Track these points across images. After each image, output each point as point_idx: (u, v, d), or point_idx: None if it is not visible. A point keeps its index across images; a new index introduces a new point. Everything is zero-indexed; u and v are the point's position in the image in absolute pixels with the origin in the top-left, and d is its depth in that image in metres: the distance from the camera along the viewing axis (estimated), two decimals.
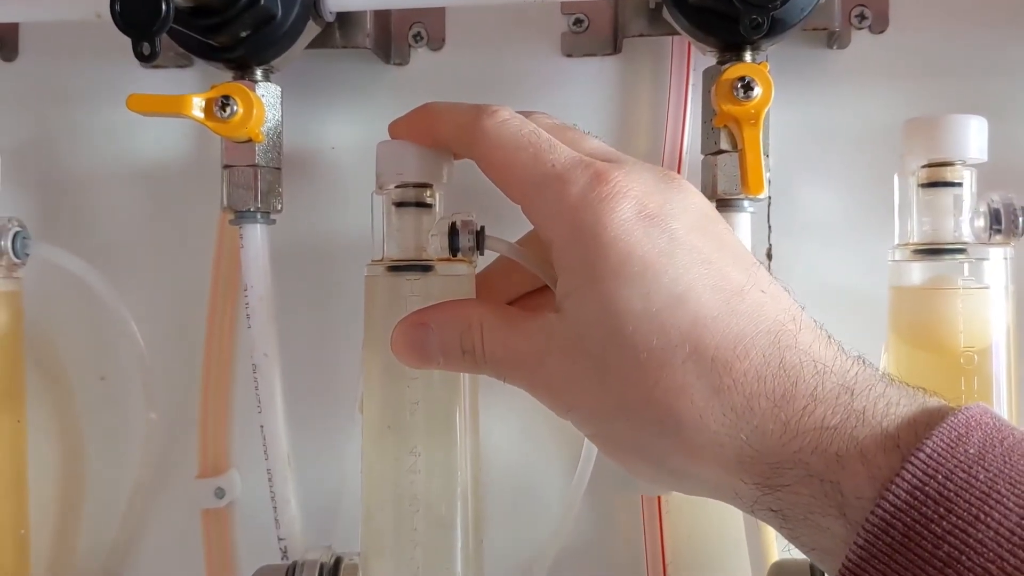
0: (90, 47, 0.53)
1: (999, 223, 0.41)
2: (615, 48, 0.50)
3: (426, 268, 0.43)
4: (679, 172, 0.48)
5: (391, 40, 0.51)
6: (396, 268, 0.43)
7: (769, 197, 0.48)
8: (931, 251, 0.41)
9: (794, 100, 0.47)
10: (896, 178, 0.43)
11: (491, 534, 0.49)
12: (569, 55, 0.50)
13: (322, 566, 0.43)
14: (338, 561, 0.44)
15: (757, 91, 0.41)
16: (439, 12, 0.50)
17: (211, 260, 0.51)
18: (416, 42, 0.51)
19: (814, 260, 0.48)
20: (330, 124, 0.51)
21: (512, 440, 0.50)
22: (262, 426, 0.46)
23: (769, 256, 0.49)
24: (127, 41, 0.50)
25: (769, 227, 0.49)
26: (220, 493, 0.49)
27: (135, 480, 0.50)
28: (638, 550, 0.49)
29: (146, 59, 0.36)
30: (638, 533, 0.49)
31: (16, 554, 0.47)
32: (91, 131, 0.52)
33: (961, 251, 0.41)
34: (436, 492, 0.42)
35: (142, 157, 0.52)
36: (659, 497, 0.48)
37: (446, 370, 0.38)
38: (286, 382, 0.46)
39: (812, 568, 0.41)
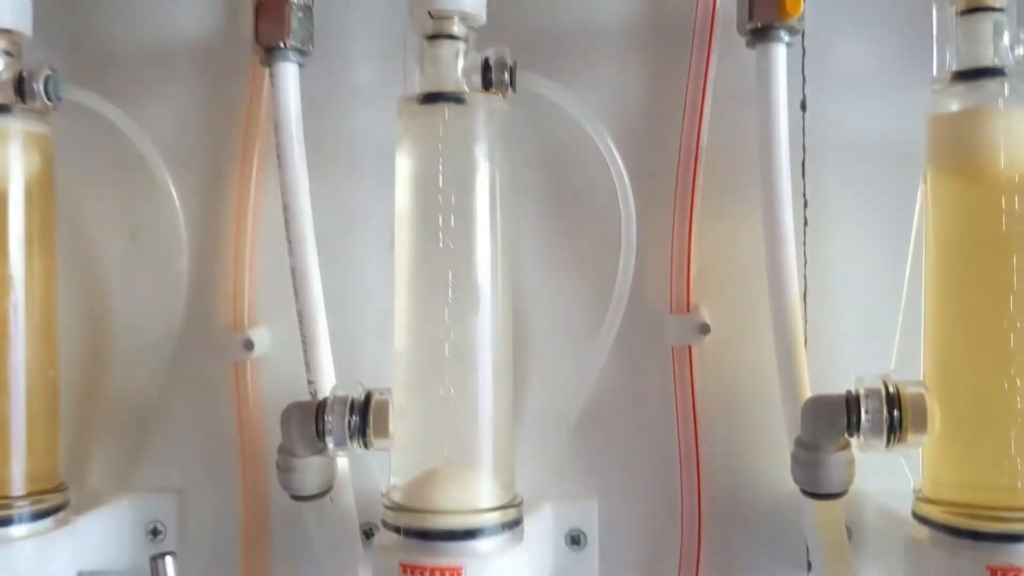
0: None
1: None
2: None
3: (459, 100, 0.43)
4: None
5: None
6: (429, 99, 0.43)
7: (804, 47, 0.48)
8: (971, 74, 0.40)
9: None
10: (934, 8, 0.42)
11: (524, 379, 0.49)
12: None
13: (352, 401, 0.43)
14: (368, 396, 0.43)
15: None
16: None
17: (243, 116, 0.50)
18: None
19: (847, 109, 0.48)
20: None
21: (543, 284, 0.50)
22: (293, 268, 0.46)
23: (803, 107, 0.48)
24: None
25: (803, 78, 0.48)
26: (249, 345, 0.49)
27: (164, 331, 0.50)
28: (669, 399, 0.49)
29: None
30: (668, 383, 0.49)
31: (45, 395, 0.47)
32: None
33: (1001, 73, 0.40)
34: (466, 323, 0.42)
35: (175, 23, 0.52)
36: (689, 347, 0.48)
37: None
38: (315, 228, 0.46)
39: (847, 399, 0.41)
